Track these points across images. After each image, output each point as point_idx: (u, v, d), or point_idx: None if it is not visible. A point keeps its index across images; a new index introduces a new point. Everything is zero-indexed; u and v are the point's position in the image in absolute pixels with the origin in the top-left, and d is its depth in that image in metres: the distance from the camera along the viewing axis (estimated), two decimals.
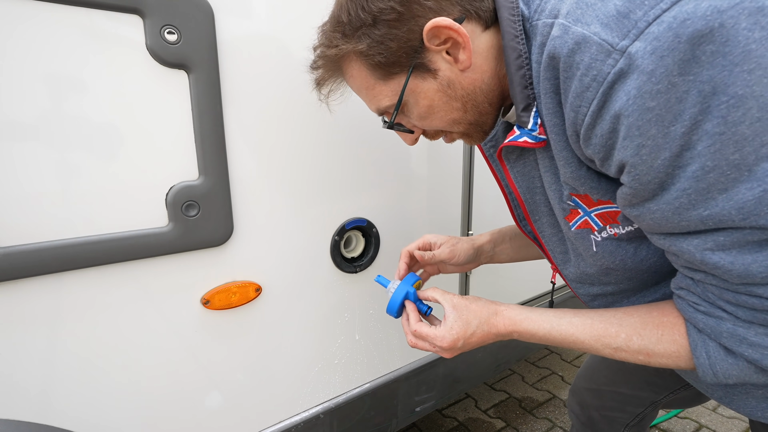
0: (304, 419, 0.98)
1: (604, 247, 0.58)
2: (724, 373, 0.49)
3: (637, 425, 1.01)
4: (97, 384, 0.72)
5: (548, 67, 0.48)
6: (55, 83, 0.61)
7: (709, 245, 0.43)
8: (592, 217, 0.57)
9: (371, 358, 1.09)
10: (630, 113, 0.41)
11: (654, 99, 0.39)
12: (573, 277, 0.68)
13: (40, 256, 0.62)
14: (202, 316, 0.80)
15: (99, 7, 0.62)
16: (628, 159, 0.43)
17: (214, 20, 0.71)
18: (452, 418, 1.80)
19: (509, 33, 0.53)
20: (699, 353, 0.51)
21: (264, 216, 0.85)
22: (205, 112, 0.73)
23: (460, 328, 0.65)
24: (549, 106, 0.51)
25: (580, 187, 0.54)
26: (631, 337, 0.55)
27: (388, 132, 1.01)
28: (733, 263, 0.42)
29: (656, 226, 0.47)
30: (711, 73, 0.37)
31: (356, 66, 0.59)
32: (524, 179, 0.65)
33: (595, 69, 0.42)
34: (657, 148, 0.41)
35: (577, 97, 0.45)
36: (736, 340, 0.47)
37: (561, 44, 0.45)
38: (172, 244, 0.73)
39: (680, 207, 0.43)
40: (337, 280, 0.99)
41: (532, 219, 0.69)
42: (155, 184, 0.71)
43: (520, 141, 0.56)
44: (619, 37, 0.40)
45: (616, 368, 0.98)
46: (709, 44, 0.37)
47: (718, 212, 0.41)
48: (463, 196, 1.22)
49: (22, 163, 0.60)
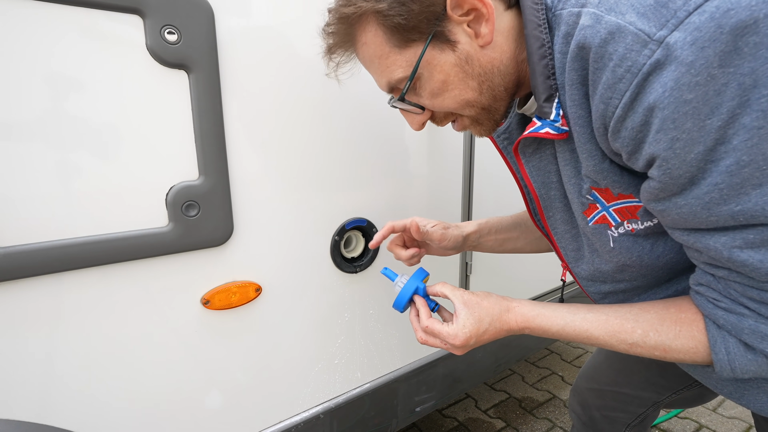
0: (304, 419, 0.98)
1: (621, 243, 0.58)
2: (743, 368, 0.49)
3: (638, 425, 1.00)
4: (97, 384, 0.72)
5: (576, 57, 0.47)
6: (55, 83, 0.61)
7: (738, 243, 0.43)
8: (610, 212, 0.56)
9: (371, 358, 1.09)
10: (666, 105, 0.40)
11: (692, 91, 0.38)
12: (585, 275, 0.67)
13: (40, 256, 0.62)
14: (202, 316, 0.80)
15: (99, 7, 0.62)
16: (660, 153, 0.42)
17: (214, 20, 0.71)
18: (452, 418, 1.80)
19: (532, 21, 0.52)
20: (718, 349, 0.50)
21: (264, 216, 0.85)
22: (205, 112, 0.73)
23: (472, 326, 0.64)
24: (574, 98, 0.49)
25: (602, 180, 0.53)
26: (648, 333, 0.54)
27: (389, 132, 1.01)
28: (762, 261, 0.42)
29: (682, 222, 0.46)
30: (753, 65, 0.36)
31: (372, 30, 0.56)
32: (540, 174, 0.64)
33: (629, 60, 0.41)
34: (691, 141, 0.40)
35: (609, 89, 0.44)
36: (758, 337, 0.47)
37: (593, 34, 0.43)
38: (172, 244, 0.73)
39: (710, 202, 0.42)
40: (337, 280, 0.99)
41: (546, 215, 0.68)
42: (155, 184, 0.71)
43: (542, 132, 0.54)
44: (657, 27, 0.39)
45: (619, 368, 0.98)
46: (753, 35, 0.36)
47: (750, 207, 0.40)
48: (463, 196, 1.22)
49: (23, 163, 0.60)
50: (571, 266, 0.70)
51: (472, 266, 1.30)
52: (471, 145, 1.21)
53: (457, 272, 1.27)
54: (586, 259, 0.65)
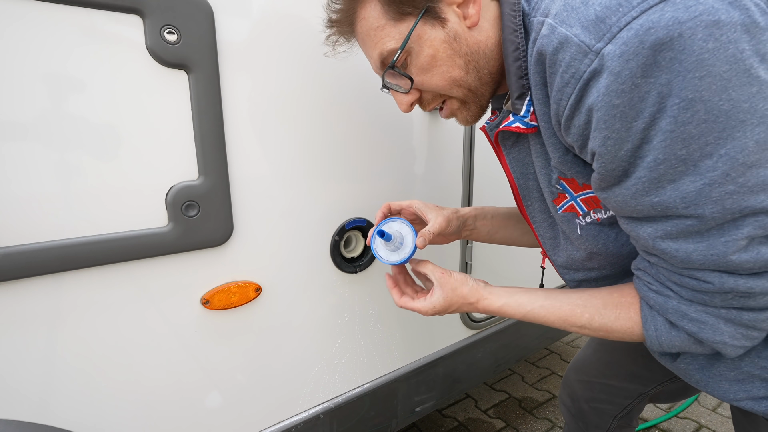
0: (304, 419, 0.98)
1: (588, 231, 0.64)
2: (668, 343, 0.56)
3: (625, 416, 1.03)
4: (97, 384, 0.72)
5: (537, 62, 0.53)
6: (55, 83, 0.61)
7: (659, 234, 0.49)
8: (578, 201, 0.62)
9: (371, 358, 1.09)
10: (599, 108, 0.45)
11: (619, 97, 0.44)
12: (561, 263, 0.73)
13: (40, 256, 0.62)
14: (201, 316, 0.80)
15: (99, 7, 0.62)
16: (596, 149, 0.48)
17: (214, 20, 0.71)
18: (452, 418, 1.80)
19: (509, 27, 0.58)
20: (648, 326, 0.58)
21: (264, 216, 0.85)
22: (205, 112, 0.73)
23: (441, 306, 0.72)
24: (538, 97, 0.55)
25: (567, 171, 0.58)
26: (593, 317, 0.62)
27: (389, 132, 1.01)
28: (677, 250, 0.48)
29: (619, 209, 0.52)
30: (668, 77, 0.41)
31: (372, 4, 0.60)
32: (519, 165, 0.70)
33: (573, 67, 0.46)
34: (621, 140, 0.46)
35: (559, 92, 0.49)
36: (679, 316, 0.53)
37: (547, 43, 0.49)
38: (172, 244, 0.73)
39: (636, 193, 0.48)
40: (337, 280, 0.99)
41: (525, 204, 0.74)
42: (155, 184, 0.71)
43: (513, 126, 0.61)
44: (595, 40, 0.44)
45: (607, 361, 1.02)
46: (669, 51, 0.40)
47: (665, 200, 0.46)
48: (462, 195, 1.22)
49: (23, 163, 0.60)
50: (549, 254, 0.75)
51: (471, 266, 1.30)
52: (471, 144, 1.21)
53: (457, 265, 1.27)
54: (562, 246, 0.71)
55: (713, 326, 0.52)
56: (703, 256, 0.47)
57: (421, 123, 1.08)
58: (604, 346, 1.03)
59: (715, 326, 0.51)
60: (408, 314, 1.15)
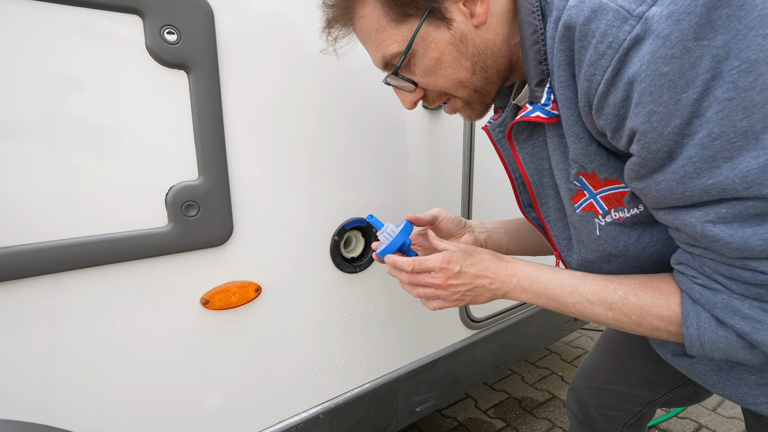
0: (304, 419, 0.98)
1: (608, 232, 0.58)
2: (711, 344, 0.49)
3: (635, 424, 1.01)
4: (96, 384, 0.72)
5: (563, 38, 0.47)
6: (54, 83, 0.61)
7: (711, 217, 0.43)
8: (598, 199, 0.57)
9: (371, 358, 1.09)
10: (643, 79, 0.40)
11: (668, 64, 0.39)
12: (575, 265, 0.68)
13: (40, 256, 0.62)
14: (201, 316, 0.80)
15: (99, 7, 0.62)
16: (638, 126, 0.43)
17: (213, 20, 0.71)
18: (452, 419, 1.80)
19: (525, 8, 0.53)
20: (690, 322, 0.50)
21: (264, 216, 0.85)
22: (205, 112, 0.73)
23: (459, 256, 0.64)
24: (562, 80, 0.50)
25: (590, 164, 0.53)
26: (628, 295, 0.55)
27: (389, 132, 1.01)
28: (732, 236, 0.42)
29: (661, 199, 0.46)
30: (726, 38, 0.37)
31: (370, 3, 0.57)
32: (533, 160, 0.65)
33: (611, 36, 0.41)
34: (668, 115, 0.40)
35: (592, 65, 0.44)
36: (730, 312, 0.47)
37: (577, 13, 0.44)
38: (171, 244, 0.73)
39: (685, 176, 0.42)
40: (336, 280, 0.99)
41: (539, 202, 0.68)
42: (155, 184, 0.71)
43: (533, 116, 0.56)
44: (637, 3, 0.40)
45: (615, 366, 0.99)
46: (726, 8, 0.36)
47: (722, 181, 0.40)
48: (462, 196, 1.22)
49: (22, 163, 0.60)
50: (563, 255, 0.70)
51: None
52: (471, 144, 1.21)
53: None
54: (575, 248, 0.66)
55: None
56: (764, 240, 0.41)
57: (422, 123, 1.07)
58: (612, 351, 1.00)
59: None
60: (408, 314, 1.14)
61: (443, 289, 0.64)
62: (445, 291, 0.65)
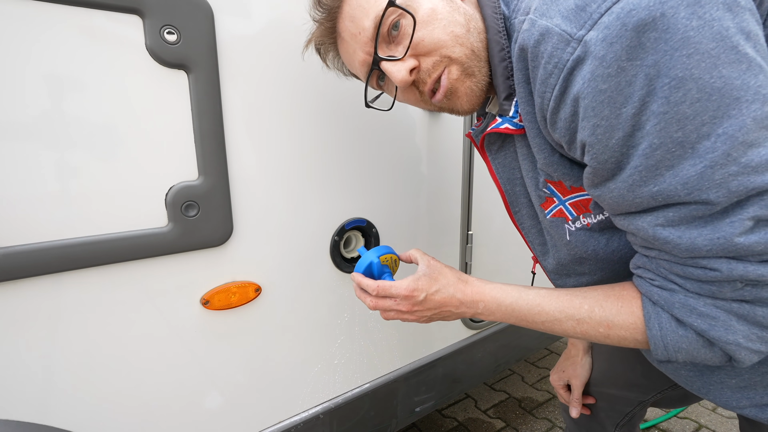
0: (303, 419, 0.98)
1: (577, 237, 0.61)
2: (675, 345, 0.51)
3: (627, 424, 1.03)
4: (96, 384, 0.72)
5: (519, 58, 0.52)
6: (54, 83, 0.61)
7: (660, 221, 0.46)
8: (567, 206, 0.60)
9: (371, 358, 1.09)
10: (585, 95, 0.44)
11: (606, 82, 0.42)
12: (551, 269, 0.70)
13: (40, 256, 0.62)
14: (201, 316, 0.80)
15: (99, 8, 0.62)
16: (586, 139, 0.46)
17: (213, 20, 0.71)
18: (452, 419, 1.80)
19: (493, 28, 0.58)
20: (652, 324, 0.52)
21: (264, 216, 0.85)
22: (205, 112, 0.73)
23: (425, 283, 0.66)
24: (522, 95, 0.54)
25: (554, 173, 0.57)
26: (593, 308, 0.57)
27: (389, 132, 1.01)
28: (680, 237, 0.45)
29: (615, 206, 0.50)
30: (655, 58, 0.40)
31: None
32: (505, 170, 0.68)
33: (556, 57, 0.46)
34: (611, 128, 0.44)
35: (542, 84, 0.48)
36: (687, 310, 0.49)
37: (528, 36, 0.49)
38: (171, 244, 0.73)
39: (633, 184, 0.46)
40: (336, 280, 0.99)
41: (513, 210, 0.72)
42: (155, 184, 0.71)
43: (502, 128, 0.59)
44: (577, 28, 0.44)
45: (603, 370, 1.01)
46: (653, 31, 0.40)
47: (665, 188, 0.44)
48: (462, 195, 1.22)
49: (22, 163, 0.60)
50: (539, 259, 0.73)
51: (471, 266, 1.30)
52: (471, 145, 1.21)
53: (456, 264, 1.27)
54: (550, 253, 0.69)
55: (725, 323, 0.47)
56: (709, 240, 0.43)
57: (422, 121, 1.08)
58: (602, 355, 1.02)
59: (727, 323, 0.47)
60: None
61: (409, 314, 0.67)
62: (411, 315, 0.68)
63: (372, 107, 0.71)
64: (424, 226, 1.14)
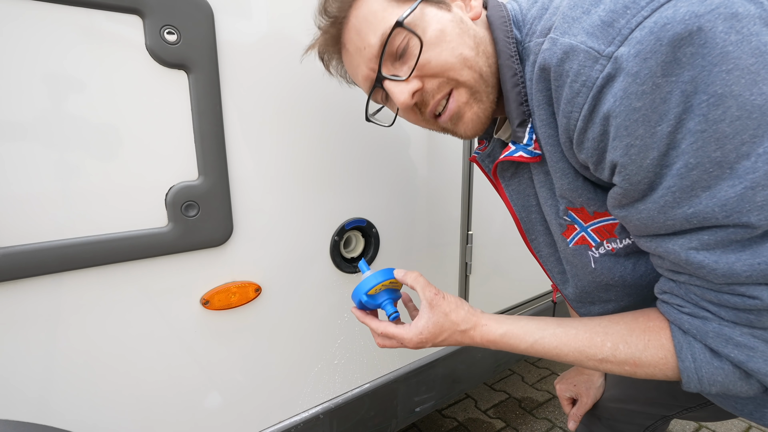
0: (303, 419, 0.98)
1: (603, 263, 0.58)
2: (710, 378, 0.48)
3: None
4: (96, 384, 0.72)
5: (540, 78, 0.49)
6: (54, 83, 0.61)
7: (694, 244, 0.44)
8: (589, 232, 0.57)
9: (371, 358, 1.09)
10: (618, 114, 0.42)
11: (640, 99, 0.40)
12: (573, 297, 0.67)
13: (40, 256, 0.62)
14: (201, 316, 0.80)
15: (98, 7, 0.62)
16: (618, 159, 0.44)
17: (213, 20, 0.71)
18: (452, 419, 1.80)
19: (505, 53, 0.56)
20: (684, 355, 0.49)
21: (263, 216, 0.85)
22: (205, 112, 0.73)
23: (430, 333, 0.64)
24: (543, 118, 0.52)
25: (577, 198, 0.54)
26: (617, 345, 0.53)
27: (389, 132, 1.01)
28: (717, 262, 0.43)
29: (643, 227, 0.47)
30: (692, 74, 0.38)
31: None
32: (519, 197, 0.65)
33: (584, 75, 0.43)
34: (645, 147, 0.42)
35: (569, 103, 0.46)
36: (722, 340, 0.46)
37: (550, 55, 0.46)
38: (171, 244, 0.73)
39: (665, 205, 0.43)
40: (336, 280, 0.99)
41: (529, 239, 0.69)
42: (155, 184, 0.71)
43: (516, 156, 0.57)
44: (605, 44, 0.42)
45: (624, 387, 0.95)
46: (689, 46, 0.38)
47: (702, 210, 0.41)
48: (462, 195, 1.22)
49: (22, 163, 0.60)
50: (559, 288, 0.70)
51: (471, 266, 1.30)
52: (471, 145, 1.21)
53: (457, 272, 1.27)
54: (570, 282, 0.66)
55: (764, 353, 0.44)
56: (748, 266, 0.41)
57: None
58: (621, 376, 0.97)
59: (767, 354, 0.44)
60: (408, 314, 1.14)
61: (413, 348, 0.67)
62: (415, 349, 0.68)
63: (372, 121, 0.70)
64: (424, 226, 1.14)
